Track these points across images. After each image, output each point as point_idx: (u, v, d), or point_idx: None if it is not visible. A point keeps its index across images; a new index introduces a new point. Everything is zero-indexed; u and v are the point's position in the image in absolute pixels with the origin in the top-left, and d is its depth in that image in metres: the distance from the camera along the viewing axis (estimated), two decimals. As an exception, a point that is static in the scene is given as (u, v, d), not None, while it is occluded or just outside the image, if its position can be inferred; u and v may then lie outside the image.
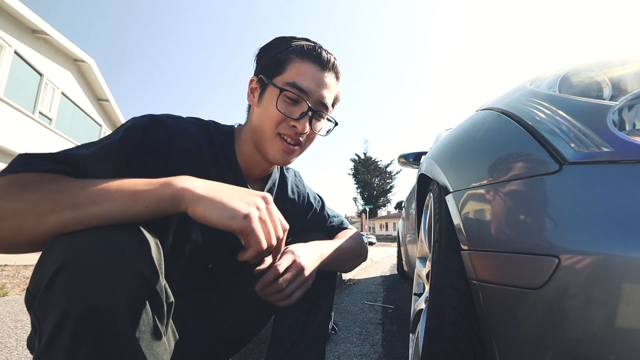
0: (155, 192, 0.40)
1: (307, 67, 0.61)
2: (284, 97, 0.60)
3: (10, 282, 2.64)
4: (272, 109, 0.60)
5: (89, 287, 0.31)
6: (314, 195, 0.86)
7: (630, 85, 0.47)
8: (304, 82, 0.60)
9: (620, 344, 0.33)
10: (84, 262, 0.32)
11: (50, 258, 0.34)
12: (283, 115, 0.59)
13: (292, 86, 0.59)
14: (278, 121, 0.60)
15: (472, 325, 0.55)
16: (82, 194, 0.39)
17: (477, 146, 0.62)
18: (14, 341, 1.26)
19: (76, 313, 0.31)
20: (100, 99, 10.72)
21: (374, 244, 26.36)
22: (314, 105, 0.62)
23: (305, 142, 0.65)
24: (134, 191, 0.40)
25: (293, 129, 0.61)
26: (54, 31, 7.52)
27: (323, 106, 0.63)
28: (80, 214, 0.37)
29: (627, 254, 0.32)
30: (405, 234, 2.40)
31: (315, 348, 0.69)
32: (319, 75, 0.62)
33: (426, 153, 1.41)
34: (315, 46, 0.63)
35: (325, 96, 0.63)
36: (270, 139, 0.61)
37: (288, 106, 0.60)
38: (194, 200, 0.41)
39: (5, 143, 6.49)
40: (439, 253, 0.64)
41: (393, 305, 2.02)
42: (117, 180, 0.41)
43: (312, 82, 0.61)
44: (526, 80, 0.70)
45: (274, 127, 0.61)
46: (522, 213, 0.43)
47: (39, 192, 0.38)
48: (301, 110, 0.60)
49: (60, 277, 0.32)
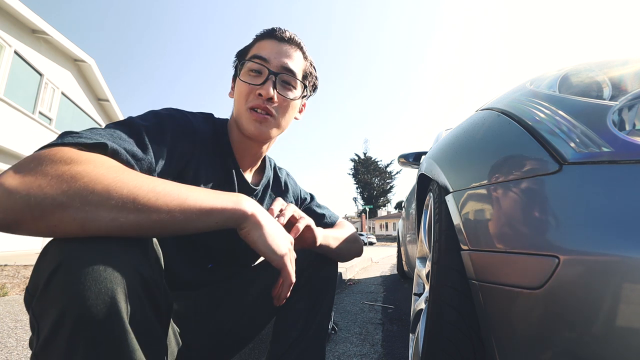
0: (228, 212, 0.43)
1: (266, 42, 0.66)
2: (247, 71, 0.65)
3: (10, 282, 2.65)
4: (240, 85, 0.65)
5: (86, 286, 0.31)
6: (305, 192, 0.92)
7: (630, 85, 0.47)
8: (262, 51, 0.65)
9: (620, 344, 0.33)
10: (82, 261, 0.32)
11: (48, 257, 0.34)
12: (249, 86, 0.63)
13: (253, 57, 0.65)
14: (246, 94, 0.64)
15: (472, 325, 0.55)
16: (152, 197, 0.37)
17: (477, 146, 0.62)
18: (14, 341, 1.26)
19: (74, 312, 0.31)
20: (100, 99, 10.71)
21: (374, 244, 26.36)
22: (276, 69, 0.64)
23: (278, 111, 0.66)
24: (209, 207, 0.41)
25: (259, 98, 0.63)
26: (54, 31, 7.51)
27: (287, 70, 0.65)
28: (148, 219, 0.36)
29: (627, 254, 0.32)
30: (405, 234, 2.40)
31: (315, 348, 0.69)
32: (278, 46, 0.65)
33: (426, 153, 1.41)
34: (275, 27, 0.67)
35: (287, 63, 0.65)
36: (244, 113, 0.64)
37: (252, 77, 0.64)
38: (255, 227, 0.46)
39: (5, 143, 6.48)
40: (439, 253, 0.64)
41: (393, 305, 2.02)
42: (183, 187, 0.41)
43: (270, 51, 0.65)
44: (526, 80, 0.70)
45: (244, 101, 0.64)
46: (522, 213, 0.43)
47: (119, 183, 0.35)
48: (264, 78, 0.64)
49: (58, 276, 0.31)
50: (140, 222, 0.36)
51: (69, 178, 0.34)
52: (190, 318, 0.67)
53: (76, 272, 0.31)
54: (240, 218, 0.45)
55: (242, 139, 0.68)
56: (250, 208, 0.46)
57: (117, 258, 0.34)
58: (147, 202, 0.36)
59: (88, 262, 0.32)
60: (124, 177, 0.37)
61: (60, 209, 0.32)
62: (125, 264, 0.34)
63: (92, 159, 0.37)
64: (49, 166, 0.34)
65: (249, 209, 0.45)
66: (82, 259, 0.32)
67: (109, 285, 0.32)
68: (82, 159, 0.36)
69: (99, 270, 0.32)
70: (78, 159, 0.36)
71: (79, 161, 0.36)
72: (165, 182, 0.40)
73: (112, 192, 0.35)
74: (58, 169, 0.34)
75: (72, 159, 0.35)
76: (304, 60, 0.70)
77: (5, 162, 6.85)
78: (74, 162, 0.35)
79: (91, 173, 0.35)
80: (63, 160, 0.35)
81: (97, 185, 0.34)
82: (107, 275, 0.32)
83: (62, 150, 0.37)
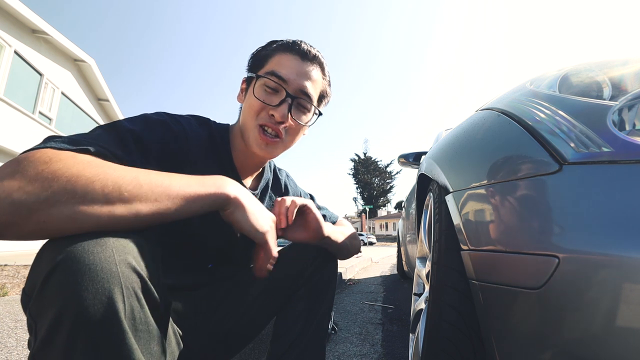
0: (212, 196, 0.44)
1: (287, 57, 0.62)
2: (264, 86, 0.61)
3: (10, 282, 2.65)
4: (252, 99, 0.62)
5: (84, 286, 0.31)
6: (305, 193, 0.92)
7: (630, 85, 0.47)
8: (282, 70, 0.61)
9: (620, 344, 0.33)
10: (78, 261, 0.32)
11: (45, 258, 0.33)
12: (262, 104, 0.60)
13: (271, 74, 0.61)
14: (258, 110, 0.61)
15: (472, 325, 0.55)
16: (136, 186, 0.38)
17: (477, 146, 0.62)
18: (13, 341, 1.26)
19: (71, 312, 0.30)
20: (100, 99, 10.71)
21: (374, 244, 26.35)
22: (294, 92, 0.62)
23: (287, 132, 0.65)
24: (193, 193, 0.42)
25: (272, 118, 0.61)
26: (54, 31, 7.51)
27: (304, 95, 0.63)
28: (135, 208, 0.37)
29: (627, 254, 0.32)
30: (405, 234, 2.40)
31: (315, 347, 0.69)
32: (300, 65, 0.62)
33: (426, 153, 1.41)
34: (297, 40, 0.64)
35: (307, 86, 0.63)
36: (252, 130, 0.63)
37: (267, 95, 0.61)
38: (238, 208, 0.48)
39: (5, 143, 6.48)
40: (439, 253, 0.64)
41: (393, 305, 2.02)
42: (166, 175, 0.42)
43: (291, 70, 0.61)
44: (526, 80, 0.70)
45: (254, 116, 0.62)
46: (522, 213, 0.43)
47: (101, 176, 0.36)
48: (280, 98, 0.61)
49: (55, 276, 0.31)
50: (129, 211, 0.36)
51: (50, 175, 0.34)
52: (190, 318, 0.67)
53: (73, 272, 0.31)
54: (224, 201, 0.46)
55: (245, 149, 0.67)
56: (233, 191, 0.47)
57: (113, 257, 0.34)
58: (132, 191, 0.37)
59: (85, 262, 0.32)
60: (106, 169, 0.37)
61: (46, 205, 0.33)
62: (122, 263, 0.34)
63: (70, 155, 0.37)
64: (27, 167, 0.34)
65: (232, 192, 0.47)
66: (79, 259, 0.32)
67: (106, 285, 0.32)
68: (61, 157, 0.36)
69: (95, 270, 0.32)
70: (57, 157, 0.36)
71: (58, 159, 0.36)
72: (148, 171, 0.41)
73: (96, 184, 0.35)
74: (37, 167, 0.34)
75: (50, 158, 0.36)
76: (323, 80, 0.67)
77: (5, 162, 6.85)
78: (52, 160, 0.35)
79: (72, 168, 0.35)
80: (41, 160, 0.35)
81: (79, 179, 0.35)
82: (104, 275, 0.32)
83: (41, 151, 0.37)
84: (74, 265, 0.32)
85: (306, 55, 0.63)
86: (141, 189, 0.38)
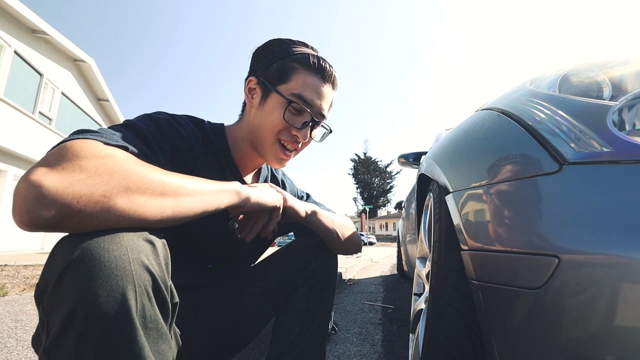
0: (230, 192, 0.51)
1: (312, 79, 0.65)
2: (290, 108, 0.64)
3: (10, 282, 2.64)
4: (276, 117, 0.64)
5: (98, 283, 0.31)
6: (302, 191, 0.93)
7: (630, 85, 0.47)
8: (309, 94, 0.64)
9: (620, 344, 0.33)
10: (94, 258, 0.32)
11: (60, 254, 0.34)
12: (287, 124, 0.64)
13: (298, 97, 0.63)
14: (280, 126, 0.64)
15: (472, 325, 0.55)
16: (180, 183, 0.42)
17: (477, 146, 0.62)
18: (14, 341, 1.26)
19: (84, 309, 0.31)
20: (100, 99, 10.72)
21: (374, 244, 26.35)
22: (315, 116, 0.66)
23: (301, 146, 0.70)
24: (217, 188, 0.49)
25: (294, 137, 0.66)
26: (54, 31, 7.52)
27: (322, 117, 0.68)
28: (180, 203, 0.41)
29: (627, 254, 0.32)
30: (405, 234, 2.40)
31: (315, 347, 0.69)
32: (321, 87, 0.66)
33: (426, 153, 1.41)
34: (319, 58, 0.66)
35: (325, 108, 0.68)
36: (271, 144, 0.66)
37: (293, 116, 0.65)
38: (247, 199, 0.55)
39: (5, 143, 6.48)
40: (439, 253, 0.64)
41: (393, 305, 2.02)
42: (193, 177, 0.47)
43: (315, 94, 0.65)
44: (526, 80, 0.70)
45: (275, 133, 0.65)
46: (522, 213, 0.43)
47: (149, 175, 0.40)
48: (303, 120, 0.66)
49: (70, 272, 0.32)
50: (178, 205, 0.41)
51: (109, 169, 0.36)
52: (191, 318, 0.67)
53: (88, 269, 0.32)
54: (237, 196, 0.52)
55: (250, 153, 0.71)
56: (244, 191, 0.54)
57: (127, 255, 0.34)
58: (177, 188, 0.42)
59: (100, 259, 0.32)
60: (150, 169, 0.41)
61: (106, 199, 0.35)
62: (135, 262, 0.35)
63: (119, 153, 0.40)
64: (83, 160, 0.36)
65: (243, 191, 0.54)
66: (94, 256, 0.33)
67: (120, 282, 0.32)
68: (113, 154, 0.39)
69: (110, 268, 0.32)
70: (109, 153, 0.39)
71: (110, 155, 0.39)
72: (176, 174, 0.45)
73: (149, 182, 0.39)
74: (95, 161, 0.37)
75: (101, 154, 0.38)
76: (333, 94, 0.71)
77: (5, 162, 6.86)
78: (105, 156, 0.38)
79: (126, 164, 0.39)
80: (94, 155, 0.38)
81: (133, 175, 0.38)
82: (118, 273, 0.33)
83: (91, 144, 0.39)
84: (89, 262, 0.32)
85: (328, 77, 0.67)
86: (183, 186, 0.43)
